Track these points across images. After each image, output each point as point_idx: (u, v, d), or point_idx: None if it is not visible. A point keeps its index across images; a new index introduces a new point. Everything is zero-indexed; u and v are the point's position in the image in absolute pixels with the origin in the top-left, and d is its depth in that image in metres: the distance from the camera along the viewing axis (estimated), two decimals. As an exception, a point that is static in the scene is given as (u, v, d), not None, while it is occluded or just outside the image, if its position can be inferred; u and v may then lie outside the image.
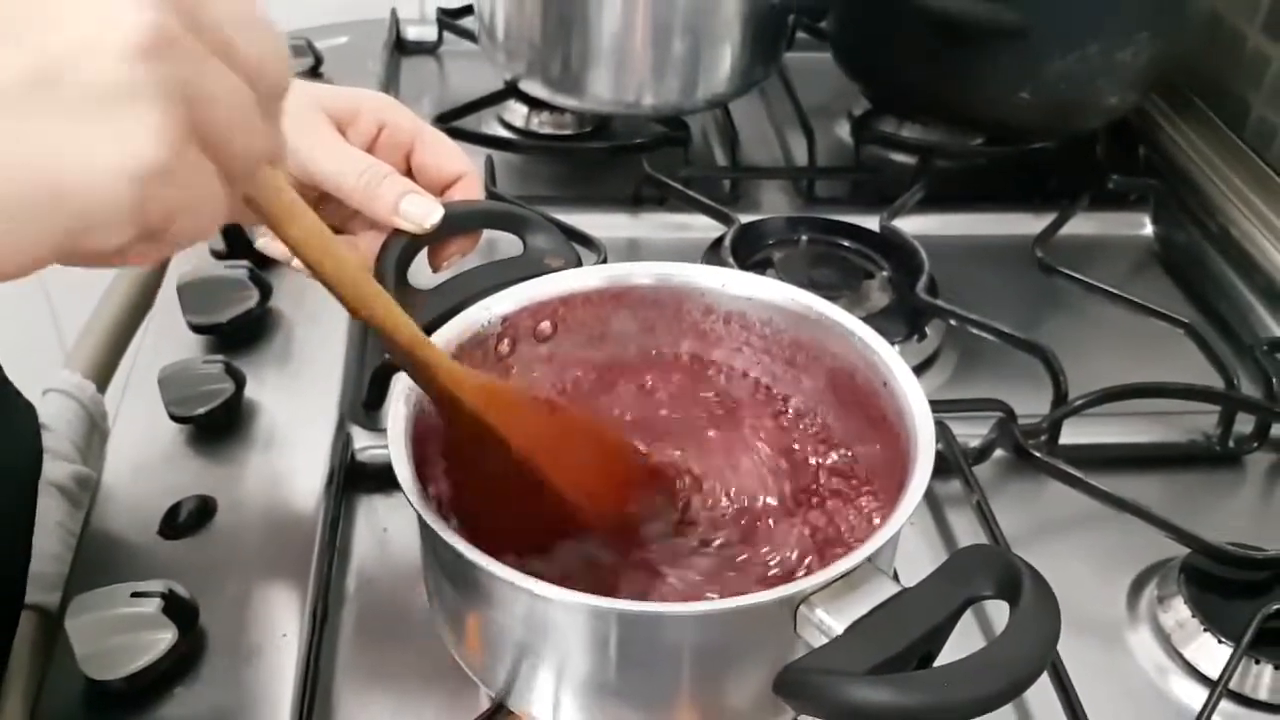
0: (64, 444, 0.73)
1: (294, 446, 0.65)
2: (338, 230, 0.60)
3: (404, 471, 0.45)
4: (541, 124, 0.99)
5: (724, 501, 0.54)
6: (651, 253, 0.87)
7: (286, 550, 0.59)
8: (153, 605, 0.52)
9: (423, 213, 0.54)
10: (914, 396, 0.49)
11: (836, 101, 1.05)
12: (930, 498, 0.67)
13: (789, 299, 0.56)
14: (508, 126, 0.99)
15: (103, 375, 0.83)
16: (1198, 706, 0.56)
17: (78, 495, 0.70)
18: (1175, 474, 0.71)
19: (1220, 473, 0.72)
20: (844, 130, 1.03)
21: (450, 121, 0.95)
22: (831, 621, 0.40)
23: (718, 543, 0.51)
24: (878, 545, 0.42)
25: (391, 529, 0.63)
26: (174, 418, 0.65)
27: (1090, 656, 0.57)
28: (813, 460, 0.55)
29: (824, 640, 0.40)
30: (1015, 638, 0.38)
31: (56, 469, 0.70)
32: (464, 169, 0.60)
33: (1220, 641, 0.58)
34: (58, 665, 0.54)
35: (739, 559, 0.50)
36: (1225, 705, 0.56)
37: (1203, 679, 0.58)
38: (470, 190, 0.59)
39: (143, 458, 0.65)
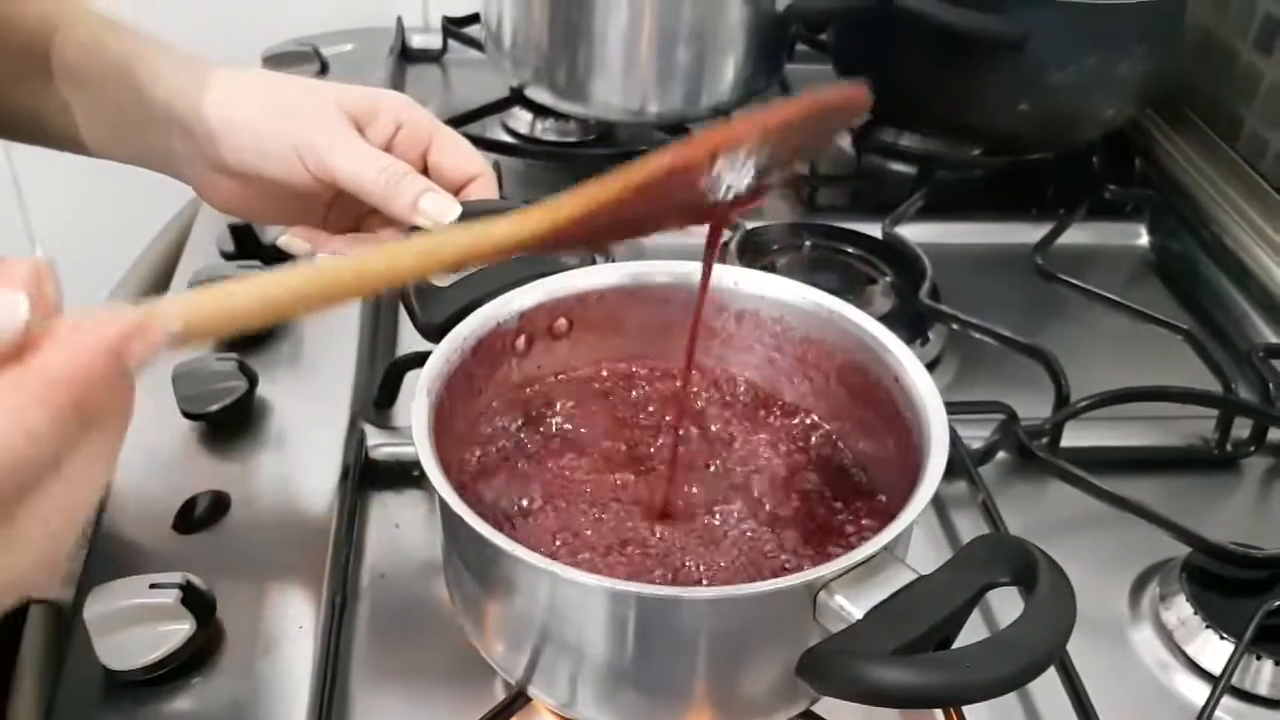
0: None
1: (306, 444, 0.66)
2: (354, 228, 0.61)
3: (428, 457, 0.45)
4: (546, 131, 1.00)
5: (734, 495, 0.54)
6: (655, 258, 0.88)
7: (301, 545, 0.60)
8: (171, 596, 0.53)
9: (440, 210, 0.55)
10: (925, 389, 0.50)
11: (836, 112, 1.06)
12: (935, 499, 0.68)
13: (800, 297, 0.57)
14: (512, 133, 1.00)
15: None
16: (1200, 702, 0.56)
17: (88, 492, 0.70)
18: (1174, 477, 0.72)
19: (1218, 476, 0.73)
20: (844, 140, 1.04)
21: (456, 128, 0.95)
22: (851, 607, 0.41)
23: (730, 534, 0.52)
24: (895, 533, 0.43)
25: (404, 524, 0.64)
26: (187, 415, 0.65)
27: (1093, 654, 0.58)
28: (823, 455, 0.56)
29: (843, 625, 0.41)
30: (1033, 621, 0.39)
31: (66, 466, 0.71)
32: (480, 169, 0.61)
33: (1222, 638, 0.59)
34: (75, 655, 0.54)
35: (751, 549, 0.51)
36: (1227, 701, 0.57)
37: (1205, 675, 0.59)
38: (486, 189, 0.60)
39: (156, 454, 0.65)
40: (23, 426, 0.32)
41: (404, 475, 0.66)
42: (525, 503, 0.52)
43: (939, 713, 0.55)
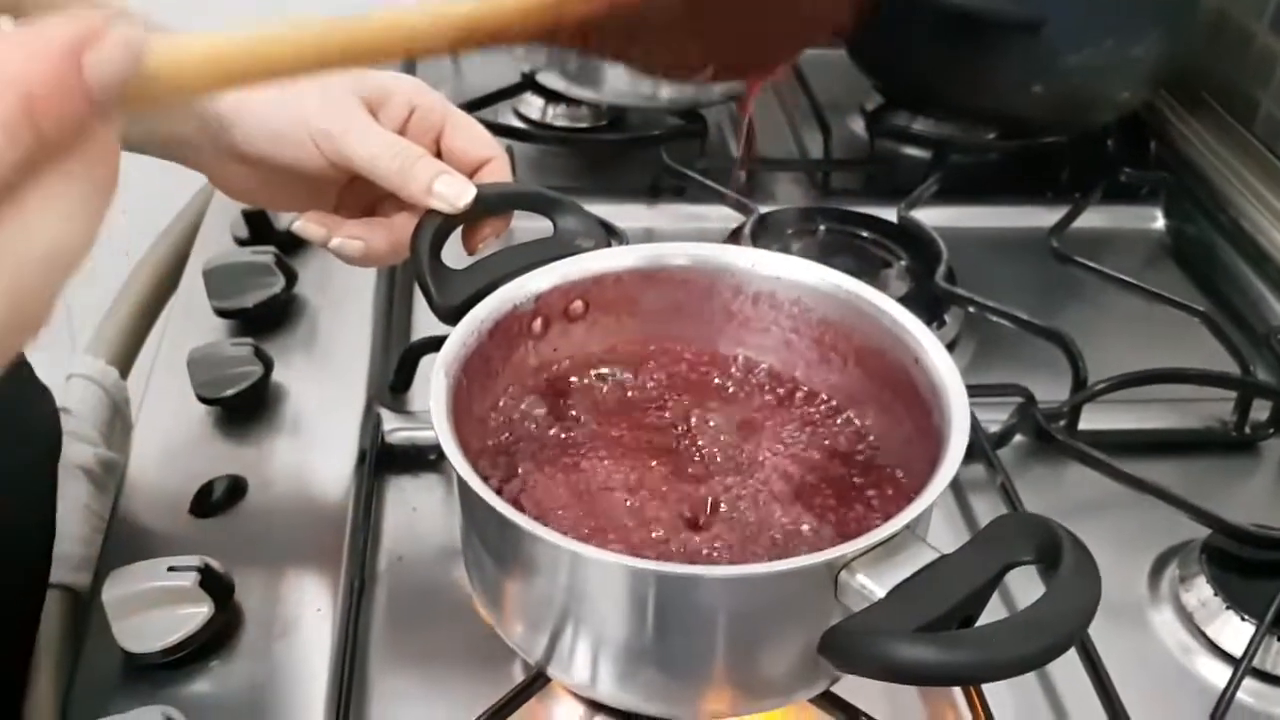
0: (87, 428, 0.74)
1: (322, 429, 0.66)
2: (369, 212, 0.61)
3: (447, 438, 0.45)
4: (557, 116, 0.99)
5: (753, 481, 0.54)
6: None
7: (318, 528, 0.60)
8: (189, 579, 0.53)
9: (456, 193, 0.55)
10: (945, 368, 0.50)
11: (849, 96, 1.06)
12: (953, 482, 0.67)
13: (819, 278, 0.56)
14: (524, 119, 1.00)
15: (124, 361, 0.83)
16: (1221, 683, 0.56)
17: (103, 478, 0.71)
18: (1192, 459, 0.71)
19: (1236, 458, 0.72)
20: (858, 125, 1.04)
21: (467, 114, 0.95)
22: (873, 586, 0.41)
23: (749, 513, 0.52)
24: (917, 512, 0.43)
25: (420, 508, 0.64)
26: (203, 399, 0.66)
27: (1114, 636, 0.58)
28: (842, 436, 0.56)
29: (865, 604, 0.41)
30: (1058, 599, 0.38)
31: (81, 452, 0.71)
32: (493, 152, 0.60)
33: (1243, 619, 0.58)
34: (94, 638, 0.54)
35: (770, 529, 0.51)
36: (1249, 682, 0.57)
37: (1226, 657, 0.58)
38: (499, 173, 0.60)
39: (171, 439, 0.65)
40: None
41: (420, 459, 0.66)
42: (543, 483, 0.52)
43: (959, 694, 0.55)
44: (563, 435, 0.55)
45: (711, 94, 0.92)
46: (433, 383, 0.48)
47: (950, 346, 0.78)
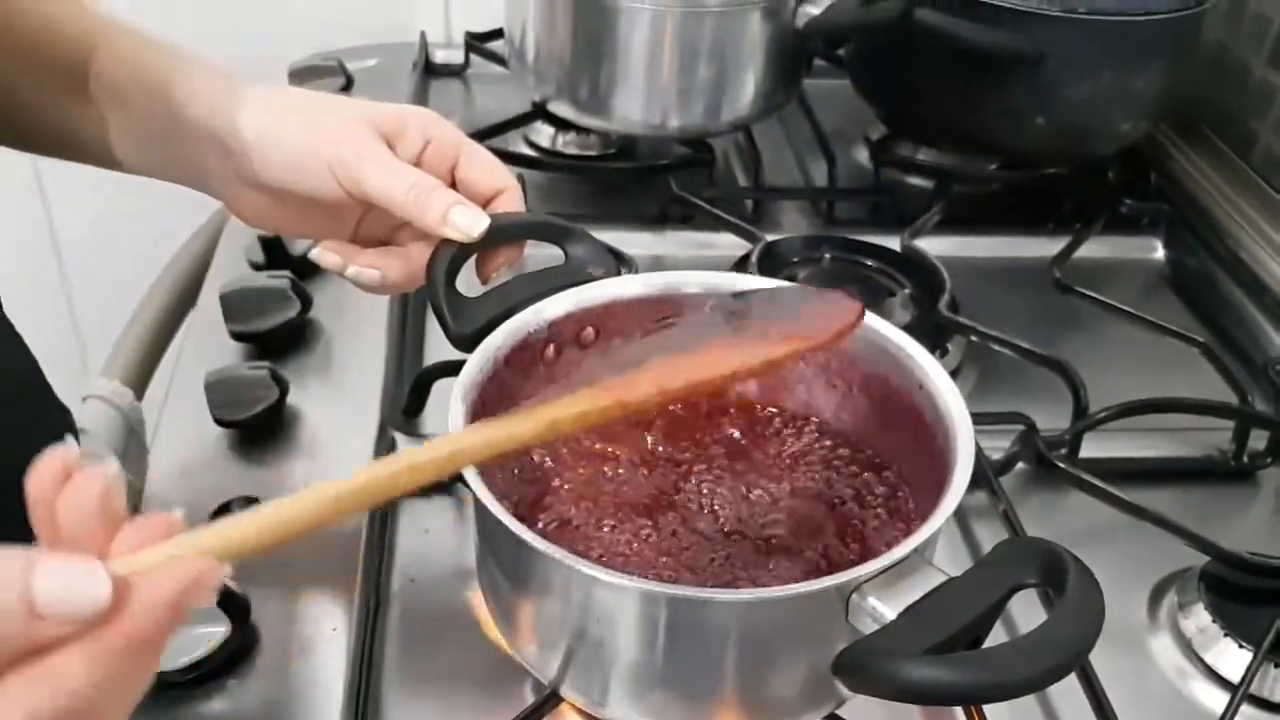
0: (104, 450, 0.75)
1: (337, 451, 0.67)
2: (385, 241, 0.62)
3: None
4: (567, 145, 1.01)
5: (761, 507, 0.55)
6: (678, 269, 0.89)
7: (333, 549, 0.61)
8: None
9: (470, 223, 0.56)
10: (950, 394, 0.51)
11: (853, 127, 1.07)
12: (956, 510, 0.68)
13: (825, 307, 0.57)
14: (534, 147, 1.01)
15: (139, 383, 0.84)
16: (1219, 710, 0.57)
17: (119, 499, 0.71)
18: (1190, 488, 0.72)
19: (1234, 487, 0.73)
20: (862, 154, 1.05)
21: (478, 142, 0.96)
22: (884, 609, 0.42)
23: (759, 537, 0.53)
24: (926, 535, 0.44)
25: (432, 530, 0.65)
26: (219, 422, 0.67)
27: (1113, 662, 0.58)
28: (847, 461, 0.57)
29: (876, 627, 0.42)
30: (1065, 620, 0.39)
31: (97, 473, 0.71)
32: (506, 183, 0.61)
33: (1241, 646, 0.59)
34: (113, 656, 0.55)
35: (780, 553, 0.52)
36: (1246, 709, 0.58)
37: (1224, 683, 0.59)
38: (512, 203, 0.61)
39: (188, 461, 0.66)
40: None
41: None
42: (557, 506, 0.53)
43: (960, 716, 0.56)
44: (575, 459, 0.56)
45: (719, 124, 0.94)
46: (451, 409, 0.49)
47: (953, 375, 0.78)
